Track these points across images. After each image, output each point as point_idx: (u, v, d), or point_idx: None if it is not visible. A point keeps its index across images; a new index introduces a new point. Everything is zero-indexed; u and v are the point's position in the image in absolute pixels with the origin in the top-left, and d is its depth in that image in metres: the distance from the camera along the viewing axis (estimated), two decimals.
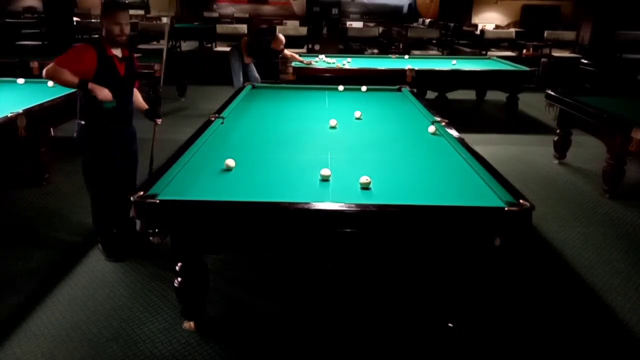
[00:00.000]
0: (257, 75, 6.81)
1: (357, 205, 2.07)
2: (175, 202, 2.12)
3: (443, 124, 3.44)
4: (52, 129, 4.65)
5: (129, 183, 3.04)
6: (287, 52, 6.60)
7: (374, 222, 2.08)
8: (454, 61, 6.91)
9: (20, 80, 4.88)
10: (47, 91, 4.54)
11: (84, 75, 2.71)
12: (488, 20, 13.10)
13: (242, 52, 6.55)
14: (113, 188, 2.99)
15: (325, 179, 2.43)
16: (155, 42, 9.81)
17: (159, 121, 3.21)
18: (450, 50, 10.07)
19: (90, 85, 2.71)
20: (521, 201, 2.10)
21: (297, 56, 6.51)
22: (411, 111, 4.06)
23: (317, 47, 9.37)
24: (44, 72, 2.70)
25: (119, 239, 3.14)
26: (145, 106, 3.20)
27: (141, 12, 14.38)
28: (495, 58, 7.34)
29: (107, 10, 2.75)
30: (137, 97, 3.18)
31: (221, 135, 3.21)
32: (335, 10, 9.81)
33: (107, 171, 2.96)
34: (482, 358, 2.37)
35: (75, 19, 10.11)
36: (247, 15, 13.79)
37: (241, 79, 6.55)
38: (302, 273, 3.00)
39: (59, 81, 2.70)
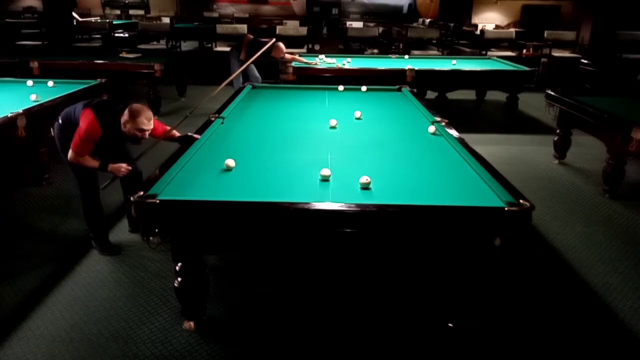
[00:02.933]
0: (257, 74, 6.80)
1: (357, 205, 2.07)
2: (175, 202, 2.12)
3: (443, 124, 3.44)
4: (52, 129, 4.65)
5: (131, 176, 3.03)
6: (288, 56, 6.60)
7: (374, 222, 2.08)
8: (454, 61, 6.91)
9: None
10: (47, 91, 4.55)
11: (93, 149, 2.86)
12: (488, 20, 13.10)
13: (242, 49, 6.53)
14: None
15: (325, 179, 2.43)
16: (155, 42, 9.82)
17: (196, 136, 3.07)
18: (450, 50, 10.06)
19: (110, 168, 2.89)
20: (521, 201, 2.10)
21: (298, 57, 6.50)
22: (411, 111, 4.06)
23: (317, 47, 9.38)
24: (69, 160, 2.86)
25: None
26: (177, 134, 3.15)
27: (141, 12, 14.40)
28: (495, 58, 7.34)
29: (133, 117, 2.74)
30: (170, 135, 3.10)
31: (221, 135, 3.21)
32: (335, 10, 9.83)
33: (87, 183, 3.05)
34: (482, 358, 2.37)
35: (75, 15, 10.10)
36: (247, 15, 13.81)
37: (241, 79, 6.55)
38: (302, 273, 3.00)
39: (84, 166, 2.88)
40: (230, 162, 2.58)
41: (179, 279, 2.35)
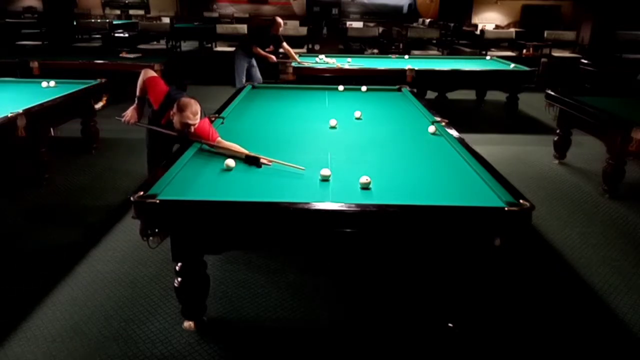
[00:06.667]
0: (259, 76, 6.82)
1: (357, 205, 2.07)
2: (175, 202, 2.12)
3: (443, 124, 3.44)
4: (52, 129, 4.66)
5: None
6: (285, 45, 6.63)
7: (374, 222, 2.08)
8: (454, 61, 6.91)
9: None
10: (47, 91, 4.55)
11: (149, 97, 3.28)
12: (488, 20, 13.10)
13: (253, 44, 6.59)
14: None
15: (325, 179, 2.43)
16: (155, 42, 9.82)
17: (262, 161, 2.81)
18: (450, 50, 10.07)
19: (136, 103, 3.35)
20: (521, 201, 2.10)
21: (292, 52, 6.53)
22: (411, 111, 4.06)
23: (317, 47, 9.38)
24: (143, 71, 3.32)
25: None
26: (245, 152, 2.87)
27: (141, 12, 14.40)
28: (495, 58, 7.34)
29: (179, 111, 2.82)
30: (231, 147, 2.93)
31: (221, 135, 3.20)
32: (335, 10, 9.81)
33: (153, 141, 3.49)
34: (482, 358, 2.37)
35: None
36: (247, 15, 13.82)
37: (244, 79, 6.56)
38: (302, 273, 3.00)
39: (138, 83, 3.33)
40: (230, 162, 2.58)
41: (179, 279, 2.35)
